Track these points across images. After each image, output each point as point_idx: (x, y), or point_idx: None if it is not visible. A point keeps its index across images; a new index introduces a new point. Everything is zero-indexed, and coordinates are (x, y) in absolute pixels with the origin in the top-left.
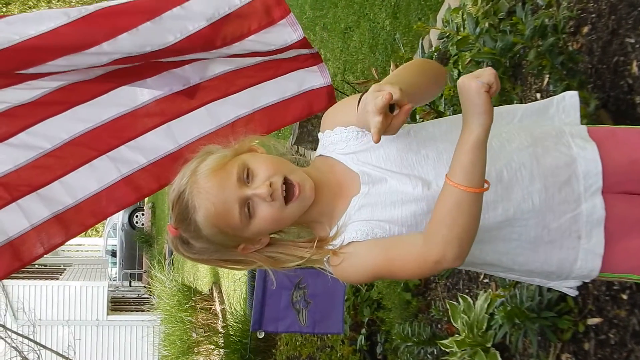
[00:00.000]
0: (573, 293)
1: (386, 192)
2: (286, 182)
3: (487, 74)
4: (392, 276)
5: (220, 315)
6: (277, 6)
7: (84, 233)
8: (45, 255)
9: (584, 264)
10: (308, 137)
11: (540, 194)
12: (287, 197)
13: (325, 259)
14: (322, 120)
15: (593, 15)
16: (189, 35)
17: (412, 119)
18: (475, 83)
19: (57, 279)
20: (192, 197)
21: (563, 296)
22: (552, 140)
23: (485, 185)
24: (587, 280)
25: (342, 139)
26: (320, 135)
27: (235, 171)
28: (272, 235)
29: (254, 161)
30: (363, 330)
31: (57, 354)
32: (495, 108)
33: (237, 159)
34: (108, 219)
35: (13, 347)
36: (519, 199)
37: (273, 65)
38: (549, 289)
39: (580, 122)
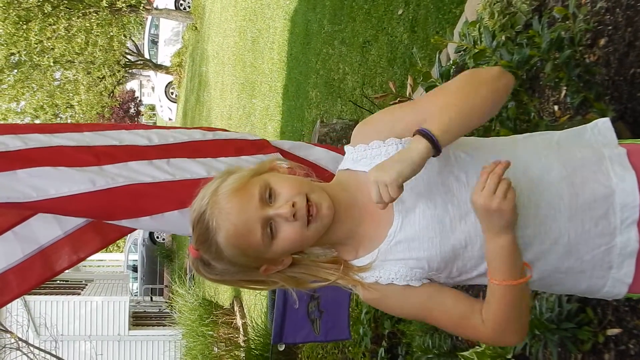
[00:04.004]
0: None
1: (422, 225)
2: (307, 201)
3: (502, 189)
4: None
5: (241, 330)
6: None
7: (105, 249)
8: (67, 271)
9: (610, 290)
10: None
11: (577, 229)
12: (309, 218)
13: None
14: (355, 134)
15: (609, 28)
16: None
17: None
18: (494, 203)
19: (79, 294)
20: (213, 218)
21: (583, 307)
22: (591, 168)
23: (528, 273)
24: (608, 300)
25: (382, 154)
26: (349, 148)
27: (257, 191)
28: (294, 256)
29: (276, 180)
30: (384, 343)
31: None
32: (530, 136)
33: (258, 178)
34: (129, 234)
35: None
36: (556, 235)
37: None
38: (569, 300)
39: (618, 143)
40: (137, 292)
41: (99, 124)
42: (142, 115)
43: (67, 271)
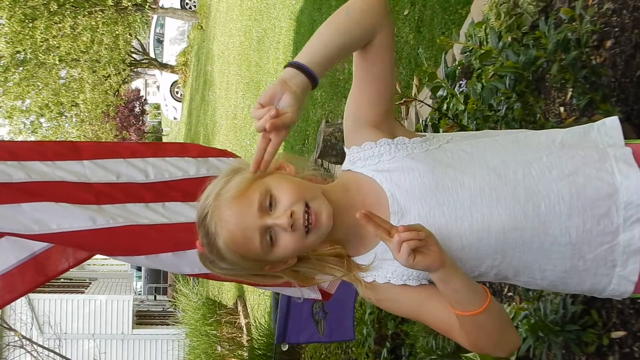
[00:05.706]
0: None
1: None
2: (307, 209)
3: (405, 249)
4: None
5: (245, 329)
6: None
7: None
8: (70, 269)
9: (616, 288)
10: (332, 150)
11: (578, 229)
12: (308, 227)
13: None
14: (346, 135)
15: (616, 29)
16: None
17: (435, 132)
18: (407, 264)
19: (83, 292)
20: (214, 224)
21: (587, 309)
22: (594, 167)
23: (482, 307)
24: (615, 299)
25: (374, 154)
26: (346, 150)
27: (257, 199)
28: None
29: (277, 187)
30: (387, 344)
31: None
32: (533, 134)
33: (260, 183)
34: None
35: None
36: (556, 234)
37: None
38: (573, 302)
39: (624, 143)
40: (140, 291)
41: (97, 145)
42: (147, 114)
43: (71, 269)
